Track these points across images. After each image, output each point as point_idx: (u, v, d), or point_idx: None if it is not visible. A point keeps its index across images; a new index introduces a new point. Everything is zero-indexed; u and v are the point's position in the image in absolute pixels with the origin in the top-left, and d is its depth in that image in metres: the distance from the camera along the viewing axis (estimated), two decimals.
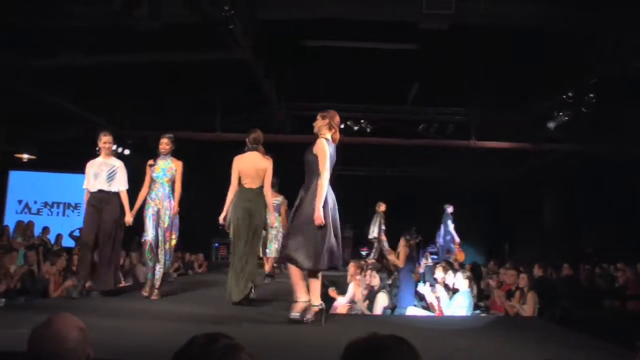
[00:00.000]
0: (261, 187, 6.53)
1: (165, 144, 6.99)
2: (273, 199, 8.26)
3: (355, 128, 13.59)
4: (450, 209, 15.15)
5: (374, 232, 13.80)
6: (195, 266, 13.85)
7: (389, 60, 10.61)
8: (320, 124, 5.50)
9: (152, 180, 6.95)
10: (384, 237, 13.62)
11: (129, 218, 6.97)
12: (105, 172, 6.98)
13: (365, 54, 10.39)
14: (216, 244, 17.63)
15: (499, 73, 10.75)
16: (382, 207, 13.76)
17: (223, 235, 18.09)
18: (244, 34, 8.10)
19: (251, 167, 6.50)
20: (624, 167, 13.24)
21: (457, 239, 15.03)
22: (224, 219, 6.39)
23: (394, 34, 9.46)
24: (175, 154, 7.05)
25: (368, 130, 13.68)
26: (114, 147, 7.67)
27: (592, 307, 8.44)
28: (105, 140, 7.10)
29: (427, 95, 12.69)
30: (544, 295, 8.00)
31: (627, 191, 13.66)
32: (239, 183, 6.50)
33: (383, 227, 13.49)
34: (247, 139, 6.71)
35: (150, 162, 7.01)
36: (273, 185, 7.66)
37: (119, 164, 7.08)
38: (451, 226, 15.02)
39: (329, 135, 5.46)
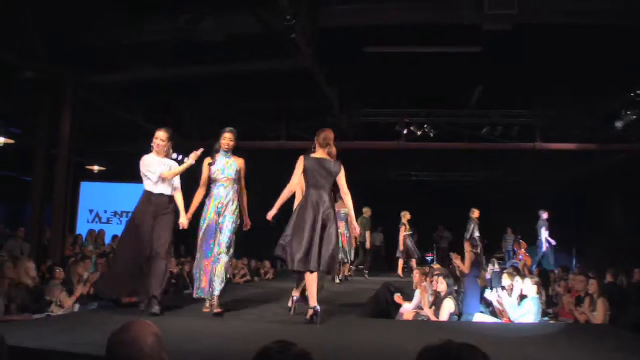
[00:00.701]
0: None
1: (229, 139, 6.25)
2: (341, 209, 8.47)
3: (419, 133, 13.53)
4: (545, 215, 14.82)
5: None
6: (261, 273, 14.00)
7: (451, 63, 10.52)
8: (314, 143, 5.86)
9: (212, 181, 6.24)
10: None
11: (184, 220, 6.17)
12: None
13: (428, 58, 10.32)
14: None
15: (564, 72, 10.51)
16: (475, 213, 13.54)
17: None
18: (306, 42, 8.19)
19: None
20: None
21: (552, 242, 14.69)
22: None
23: (457, 37, 9.37)
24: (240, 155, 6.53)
25: (431, 134, 13.59)
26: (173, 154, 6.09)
27: None
28: (159, 137, 6.14)
29: (490, 98, 12.52)
30: (615, 301, 7.73)
31: None
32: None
33: (477, 234, 13.27)
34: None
35: (209, 160, 6.27)
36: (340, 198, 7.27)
37: (174, 164, 6.27)
38: (545, 233, 14.66)
39: (319, 153, 5.80)
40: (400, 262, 13.88)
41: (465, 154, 15.31)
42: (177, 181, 6.27)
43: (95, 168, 16.09)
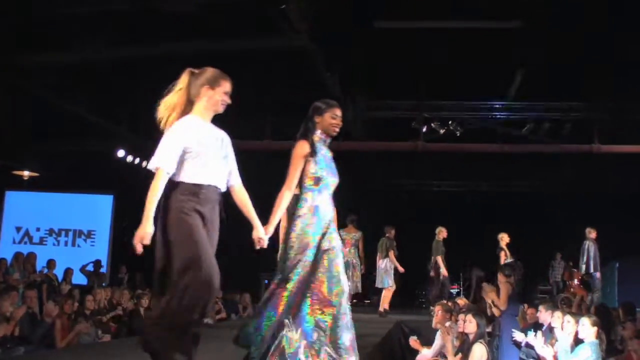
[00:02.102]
0: None
1: (340, 118, 5.29)
2: (351, 234, 10.00)
3: (442, 131, 13.52)
4: (593, 234, 14.83)
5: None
6: (239, 309, 14.00)
7: (483, 43, 10.54)
8: None
9: (314, 181, 5.18)
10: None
11: (261, 235, 5.01)
12: (220, 151, 4.66)
13: (453, 37, 10.36)
14: (266, 281, 17.78)
15: (630, 56, 10.48)
16: (505, 239, 13.64)
17: (274, 269, 18.46)
18: (300, 14, 8.21)
19: None
20: None
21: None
22: None
23: (490, 10, 9.41)
24: None
25: (458, 133, 13.59)
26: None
27: None
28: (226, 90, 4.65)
29: (534, 88, 12.47)
30: None
31: None
32: None
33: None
34: None
35: (306, 147, 5.14)
36: (352, 221, 9.41)
37: (226, 138, 4.83)
38: (592, 255, 14.69)
39: None
40: None
41: (501, 158, 15.31)
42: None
43: (26, 174, 16.02)
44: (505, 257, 13.66)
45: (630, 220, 16.43)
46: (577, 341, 7.96)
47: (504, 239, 13.81)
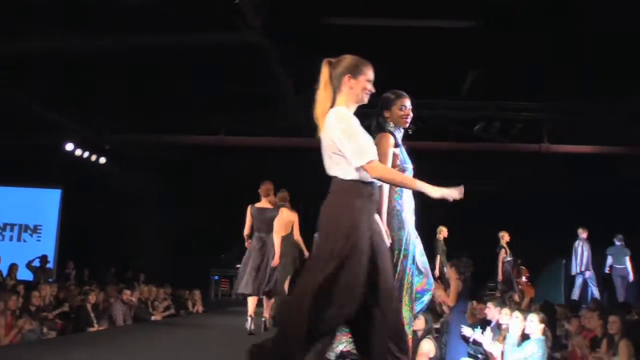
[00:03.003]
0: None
1: (409, 108, 5.27)
2: None
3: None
4: (584, 234, 15.10)
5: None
6: (188, 305, 13.95)
7: (437, 42, 10.60)
8: None
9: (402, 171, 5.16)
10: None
11: None
12: None
13: (407, 35, 10.41)
14: (216, 277, 17.77)
15: (582, 57, 10.65)
16: (506, 237, 14.04)
17: (225, 265, 18.45)
18: (254, 10, 8.19)
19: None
20: None
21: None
22: None
23: (446, 9, 9.48)
24: (160, 164, 6.43)
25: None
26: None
27: None
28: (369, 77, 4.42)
29: (486, 87, 12.57)
30: None
31: None
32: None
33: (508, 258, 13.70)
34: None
35: (389, 137, 5.09)
36: None
37: None
38: (584, 254, 14.97)
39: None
40: None
41: (452, 156, 15.43)
42: None
43: None
44: (504, 255, 13.88)
45: (578, 218, 16.71)
46: (524, 337, 8.10)
47: (504, 237, 14.04)
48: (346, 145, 3.84)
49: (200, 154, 15.69)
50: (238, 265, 17.82)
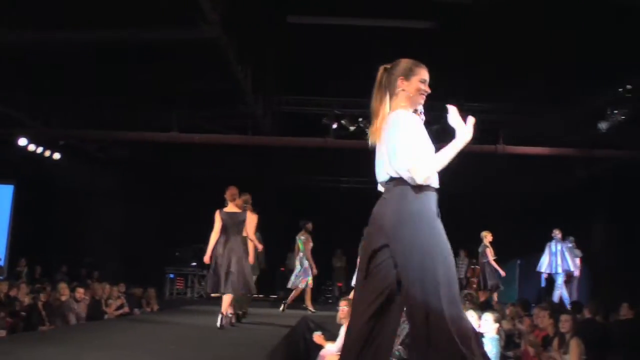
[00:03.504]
0: None
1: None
2: None
3: (352, 128, 13.62)
4: (559, 234, 15.30)
5: None
6: (143, 303, 13.84)
7: (396, 42, 10.67)
8: None
9: None
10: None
11: None
12: None
13: (366, 34, 10.46)
14: (171, 275, 17.63)
15: (537, 60, 10.80)
16: (489, 237, 14.36)
17: (180, 263, 18.34)
18: (212, 5, 8.16)
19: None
20: None
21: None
22: None
23: (404, 9, 9.54)
24: (115, 161, 6.52)
25: (367, 131, 13.68)
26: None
27: None
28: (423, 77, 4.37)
29: (440, 87, 12.61)
30: (593, 343, 8.05)
31: None
32: None
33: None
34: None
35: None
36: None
37: None
38: (564, 254, 15.16)
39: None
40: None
41: None
42: None
43: None
44: (491, 255, 14.03)
45: (532, 219, 16.93)
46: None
47: (487, 237, 14.16)
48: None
49: (155, 151, 15.58)
50: (194, 263, 17.93)
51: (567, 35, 9.87)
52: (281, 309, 12.78)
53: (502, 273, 14.46)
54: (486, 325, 8.05)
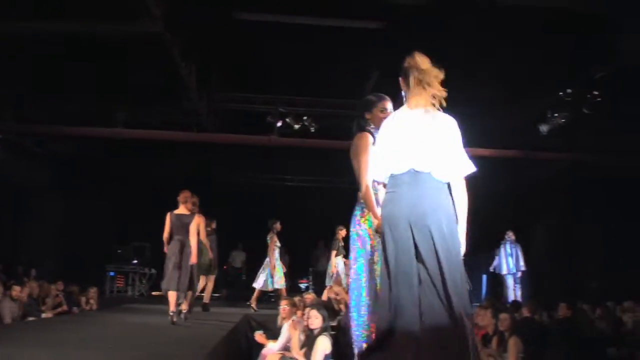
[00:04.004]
0: None
1: (389, 111, 5.35)
2: None
3: (296, 126, 13.63)
4: (513, 236, 15.55)
5: None
6: (82, 302, 13.63)
7: (342, 41, 10.70)
8: None
9: None
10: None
11: None
12: None
13: (313, 33, 10.47)
14: (111, 273, 17.44)
15: (481, 63, 10.94)
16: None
17: (121, 260, 18.16)
18: (155, 1, 8.10)
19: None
20: (637, 182, 13.50)
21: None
22: None
23: (352, 9, 9.58)
24: (53, 155, 6.45)
25: (312, 129, 13.73)
26: None
27: (593, 357, 8.70)
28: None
29: (390, 87, 12.66)
30: (531, 341, 8.21)
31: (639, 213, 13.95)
32: None
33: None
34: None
35: (368, 136, 5.23)
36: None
37: None
38: (519, 255, 15.36)
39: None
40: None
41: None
42: None
43: None
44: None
45: (473, 219, 17.14)
46: None
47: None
48: None
49: (97, 146, 15.37)
50: (135, 261, 17.78)
51: (510, 39, 10.04)
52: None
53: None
54: None
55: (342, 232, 13.88)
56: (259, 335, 9.19)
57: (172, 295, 9.91)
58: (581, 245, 16.36)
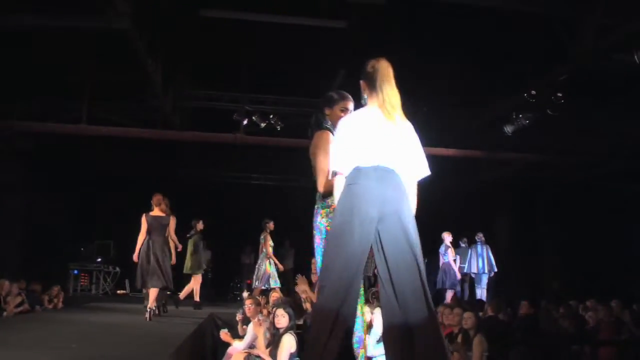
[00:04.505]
0: None
1: (350, 111, 5.27)
2: None
3: (263, 125, 13.62)
4: (483, 237, 15.72)
5: None
6: (44, 301, 13.45)
7: (308, 40, 10.72)
8: None
9: None
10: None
11: None
12: None
13: (279, 31, 10.47)
14: (75, 271, 17.25)
15: (446, 63, 11.01)
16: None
17: (85, 259, 17.98)
18: None
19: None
20: (597, 182, 13.68)
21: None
22: None
23: (318, 8, 9.60)
24: (14, 151, 6.36)
25: (279, 128, 13.74)
26: None
27: (556, 355, 8.79)
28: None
29: (355, 87, 12.70)
30: (495, 339, 8.28)
31: (599, 212, 14.14)
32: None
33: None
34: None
35: (329, 134, 5.18)
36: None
37: None
38: (490, 256, 15.48)
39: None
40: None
41: None
42: None
43: None
44: (453, 255, 14.38)
45: (438, 219, 17.25)
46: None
47: (446, 238, 14.46)
48: None
49: (61, 143, 15.17)
50: (99, 259, 17.63)
51: (477, 40, 10.14)
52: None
53: (459, 275, 14.92)
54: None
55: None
56: (224, 334, 9.14)
57: (152, 292, 10.39)
58: (540, 246, 16.55)
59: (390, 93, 4.43)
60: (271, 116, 13.61)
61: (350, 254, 4.03)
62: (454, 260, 15.21)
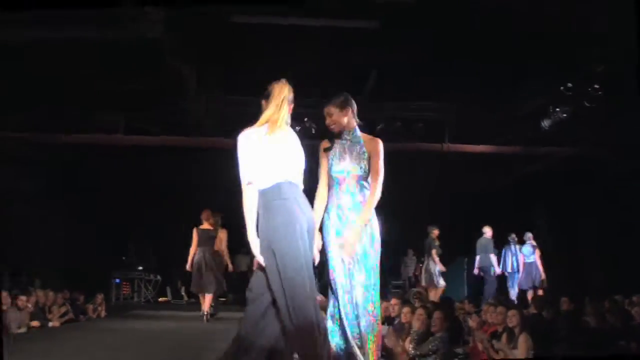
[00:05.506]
0: None
1: (329, 116, 6.31)
2: None
3: (298, 128, 13.57)
4: (516, 238, 15.81)
5: None
6: (89, 310, 13.56)
7: (340, 43, 10.67)
8: None
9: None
10: None
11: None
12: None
13: (310, 35, 10.43)
14: (117, 280, 17.36)
15: (481, 58, 10.86)
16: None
17: (127, 267, 18.06)
18: (156, 4, 8.05)
19: None
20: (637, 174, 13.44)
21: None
22: None
23: (348, 10, 9.55)
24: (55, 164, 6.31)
25: (313, 130, 13.69)
26: None
27: (602, 351, 8.64)
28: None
29: (388, 88, 12.63)
30: (539, 337, 8.16)
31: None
32: None
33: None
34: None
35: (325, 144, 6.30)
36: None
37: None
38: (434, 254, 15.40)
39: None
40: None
41: None
42: None
43: None
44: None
45: (477, 217, 17.10)
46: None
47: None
48: None
49: (98, 153, 15.25)
50: (140, 268, 17.72)
51: (509, 34, 10.00)
52: None
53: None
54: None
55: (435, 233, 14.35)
56: None
57: (207, 298, 11.82)
58: (581, 240, 16.31)
59: (283, 110, 5.09)
60: (305, 119, 13.55)
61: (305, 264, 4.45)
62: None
